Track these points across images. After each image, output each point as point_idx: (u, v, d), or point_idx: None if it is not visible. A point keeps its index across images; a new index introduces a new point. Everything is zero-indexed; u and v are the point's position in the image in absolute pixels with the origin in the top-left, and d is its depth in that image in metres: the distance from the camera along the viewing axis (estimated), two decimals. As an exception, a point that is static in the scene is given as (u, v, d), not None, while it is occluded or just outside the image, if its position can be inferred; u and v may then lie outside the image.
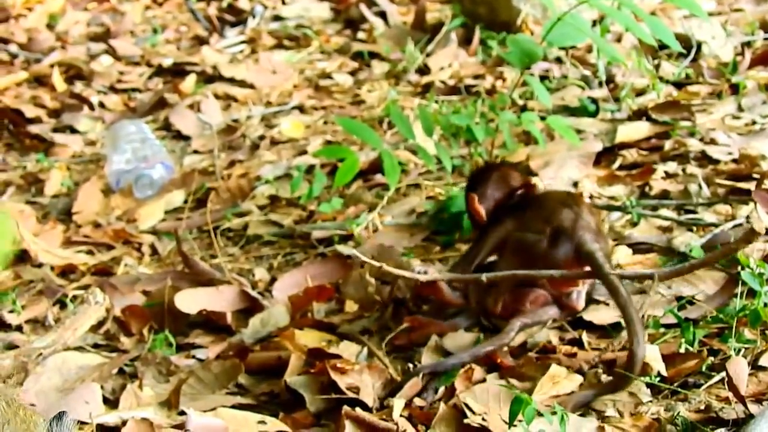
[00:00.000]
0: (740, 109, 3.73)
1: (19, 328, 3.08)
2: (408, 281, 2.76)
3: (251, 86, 5.03)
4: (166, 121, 4.72)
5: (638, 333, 2.35)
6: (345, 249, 3.22)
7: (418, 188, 3.60)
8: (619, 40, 4.52)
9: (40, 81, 5.47)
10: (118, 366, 2.77)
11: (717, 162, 3.36)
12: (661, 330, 2.52)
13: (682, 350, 2.40)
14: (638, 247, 2.95)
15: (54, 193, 4.17)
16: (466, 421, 2.23)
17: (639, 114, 3.73)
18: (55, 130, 4.84)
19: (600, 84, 4.03)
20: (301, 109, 4.69)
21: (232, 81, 5.12)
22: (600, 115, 3.82)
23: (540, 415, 2.14)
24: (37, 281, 3.39)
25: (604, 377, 2.39)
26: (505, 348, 2.56)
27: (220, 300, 3.01)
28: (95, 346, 2.94)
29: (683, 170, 3.35)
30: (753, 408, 2.16)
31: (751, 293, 2.45)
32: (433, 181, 3.61)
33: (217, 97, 4.90)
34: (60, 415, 1.75)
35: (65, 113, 4.98)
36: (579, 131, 3.58)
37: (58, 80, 5.37)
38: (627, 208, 3.14)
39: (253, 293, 3.04)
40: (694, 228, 2.99)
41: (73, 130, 4.84)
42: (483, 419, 2.23)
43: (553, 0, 3.18)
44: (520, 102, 4.06)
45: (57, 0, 6.76)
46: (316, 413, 2.45)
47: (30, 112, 4.95)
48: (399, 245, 3.18)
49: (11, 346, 2.88)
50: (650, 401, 2.28)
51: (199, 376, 2.63)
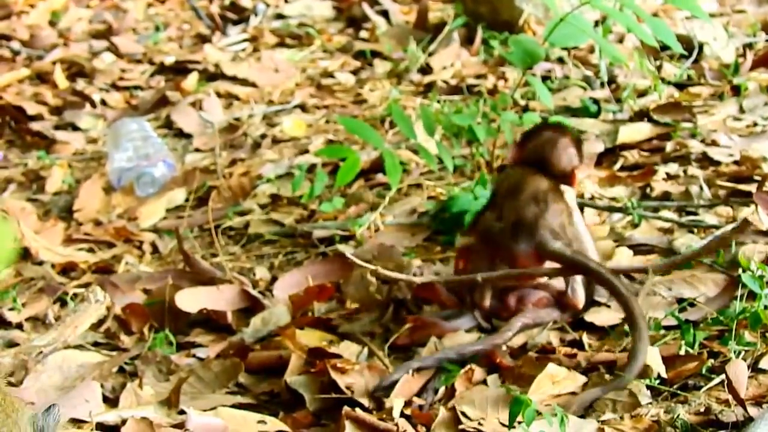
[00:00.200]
0: (742, 110, 3.74)
1: (19, 326, 3.08)
2: (407, 282, 2.77)
3: (253, 84, 5.03)
4: (168, 119, 4.72)
5: (640, 327, 2.37)
6: (345, 249, 3.22)
7: (419, 188, 3.60)
8: (621, 41, 4.52)
9: (42, 78, 5.46)
10: (118, 364, 2.77)
11: (718, 163, 3.36)
12: (662, 332, 2.52)
13: (682, 352, 2.40)
14: (639, 249, 2.95)
15: (55, 191, 4.17)
16: (461, 427, 2.23)
17: (640, 115, 3.73)
18: (57, 127, 4.83)
19: (602, 85, 4.04)
20: (302, 107, 4.69)
21: (234, 79, 5.11)
22: (601, 116, 3.82)
23: (540, 415, 2.14)
24: (38, 279, 3.39)
25: (608, 377, 2.39)
26: (504, 348, 2.56)
27: (220, 299, 3.01)
28: (95, 344, 2.93)
29: (684, 172, 3.35)
30: (752, 411, 2.16)
31: (752, 296, 2.46)
32: (434, 180, 3.61)
33: (219, 95, 4.89)
34: (49, 408, 1.76)
35: (67, 110, 4.98)
36: (581, 132, 3.58)
37: (60, 77, 5.36)
38: (628, 209, 3.14)
39: (254, 292, 3.04)
40: (695, 230, 2.99)
41: (75, 128, 4.84)
42: (479, 424, 2.23)
43: (555, 0, 3.18)
44: (522, 102, 4.06)
45: (59, -3, 6.77)
46: (316, 413, 2.45)
47: (32, 109, 4.94)
48: (400, 245, 3.17)
49: (11, 344, 2.88)
50: (650, 403, 2.28)
51: (199, 375, 2.63)
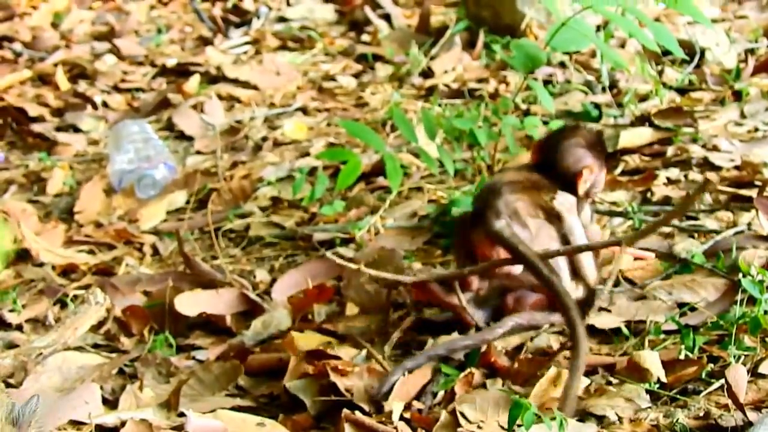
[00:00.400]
0: (743, 115, 3.73)
1: (19, 328, 3.08)
2: (400, 283, 2.76)
3: (255, 87, 5.03)
4: (170, 121, 4.72)
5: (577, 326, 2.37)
6: (346, 252, 3.22)
7: (420, 191, 3.60)
8: (622, 45, 4.52)
9: (44, 80, 5.47)
10: (118, 366, 2.77)
11: (719, 168, 3.36)
12: (662, 336, 2.52)
13: (681, 357, 2.40)
14: (639, 253, 2.95)
15: (56, 192, 4.17)
16: (460, 430, 2.23)
17: (642, 120, 3.73)
18: (58, 129, 4.83)
19: (603, 89, 4.04)
20: (304, 110, 4.69)
21: (235, 82, 5.12)
22: (603, 121, 3.82)
23: (539, 418, 2.14)
24: (38, 280, 3.39)
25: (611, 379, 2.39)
26: (499, 348, 2.55)
27: (219, 303, 3.01)
28: (95, 346, 2.93)
29: (685, 176, 3.35)
30: (752, 415, 2.16)
31: (752, 301, 2.45)
32: (435, 184, 3.61)
33: (220, 97, 4.90)
34: (30, 399, 1.77)
35: (68, 112, 4.98)
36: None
37: (61, 79, 5.36)
38: (629, 213, 3.14)
39: (253, 296, 3.04)
40: (696, 234, 2.99)
41: (76, 130, 4.84)
42: (479, 427, 2.23)
43: (557, 5, 3.18)
44: (524, 106, 4.06)
45: (62, -1, 6.78)
46: (316, 416, 2.44)
47: (33, 110, 4.95)
48: (400, 248, 3.17)
49: (11, 346, 2.88)
50: (649, 407, 2.27)
51: (199, 377, 2.63)
